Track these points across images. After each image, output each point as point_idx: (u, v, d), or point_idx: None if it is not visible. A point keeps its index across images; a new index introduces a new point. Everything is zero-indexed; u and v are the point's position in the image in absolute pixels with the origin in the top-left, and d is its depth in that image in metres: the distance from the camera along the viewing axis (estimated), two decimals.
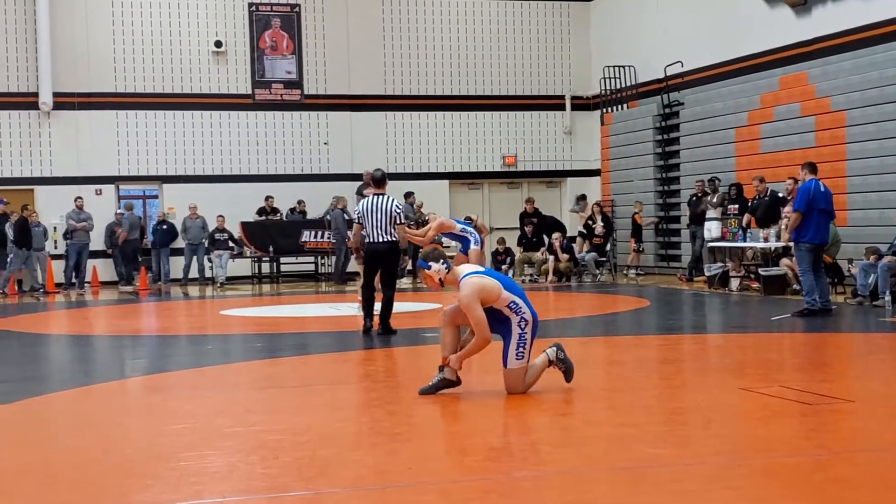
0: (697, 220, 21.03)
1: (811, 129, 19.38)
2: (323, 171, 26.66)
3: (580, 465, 5.59)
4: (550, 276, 22.42)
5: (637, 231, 24.03)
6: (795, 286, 16.10)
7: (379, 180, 12.87)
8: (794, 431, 6.43)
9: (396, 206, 12.49)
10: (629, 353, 10.80)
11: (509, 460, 5.85)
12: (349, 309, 16.46)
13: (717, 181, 20.73)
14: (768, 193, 18.24)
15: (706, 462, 5.66)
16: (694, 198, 21.51)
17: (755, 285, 17.93)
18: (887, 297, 14.14)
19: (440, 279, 7.75)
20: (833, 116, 18.94)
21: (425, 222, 16.90)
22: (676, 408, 7.52)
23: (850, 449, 6.04)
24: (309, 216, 25.55)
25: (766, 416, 6.89)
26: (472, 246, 13.60)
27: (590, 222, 23.83)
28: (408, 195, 24.35)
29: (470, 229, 13.79)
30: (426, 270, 7.77)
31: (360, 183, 25.39)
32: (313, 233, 24.40)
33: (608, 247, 23.85)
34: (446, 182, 27.22)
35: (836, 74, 19.34)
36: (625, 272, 23.73)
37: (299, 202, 25.78)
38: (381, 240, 12.41)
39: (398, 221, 12.42)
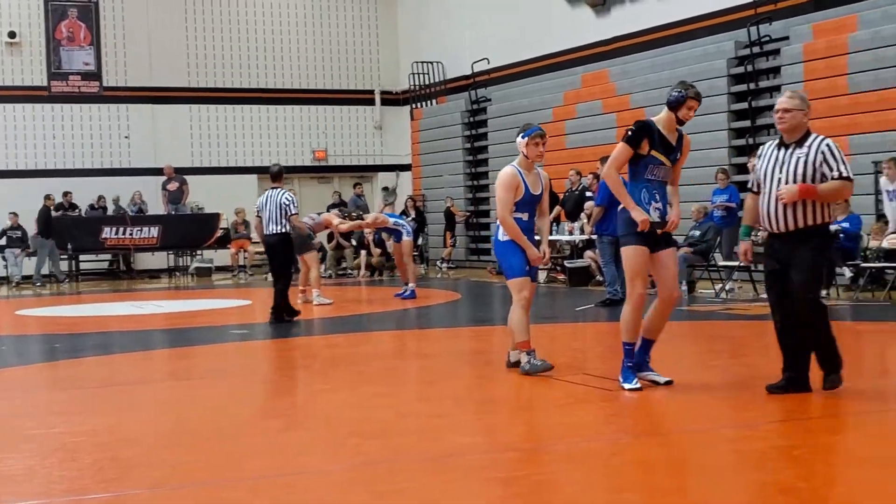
0: None
1: (613, 126, 20.05)
2: (124, 165, 25.92)
3: (390, 456, 5.63)
4: (363, 271, 22.45)
5: (451, 224, 24.30)
6: (599, 277, 16.64)
7: (275, 175, 13.36)
8: (595, 417, 6.65)
9: (286, 198, 12.94)
10: (441, 345, 10.95)
11: (322, 454, 5.84)
12: (155, 307, 16.12)
13: None
14: (579, 187, 18.75)
15: (514, 449, 5.79)
16: None
17: (561, 277, 18.44)
18: (683, 287, 14.78)
19: None
20: (633, 113, 19.56)
21: (360, 217, 17.63)
22: (486, 397, 7.66)
23: (647, 433, 6.30)
24: (109, 211, 24.80)
25: (570, 404, 7.10)
26: (405, 237, 15.98)
27: (404, 216, 23.95)
28: (356, 186, 24.70)
29: (402, 222, 16.19)
30: None
31: (163, 178, 24.87)
32: (114, 229, 23.55)
33: (420, 240, 24.05)
34: (255, 177, 26.89)
35: (635, 73, 20.06)
36: (437, 265, 23.99)
37: (100, 197, 24.98)
38: (271, 231, 12.95)
39: (289, 213, 12.90)
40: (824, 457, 5.44)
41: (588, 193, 17.77)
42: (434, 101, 27.11)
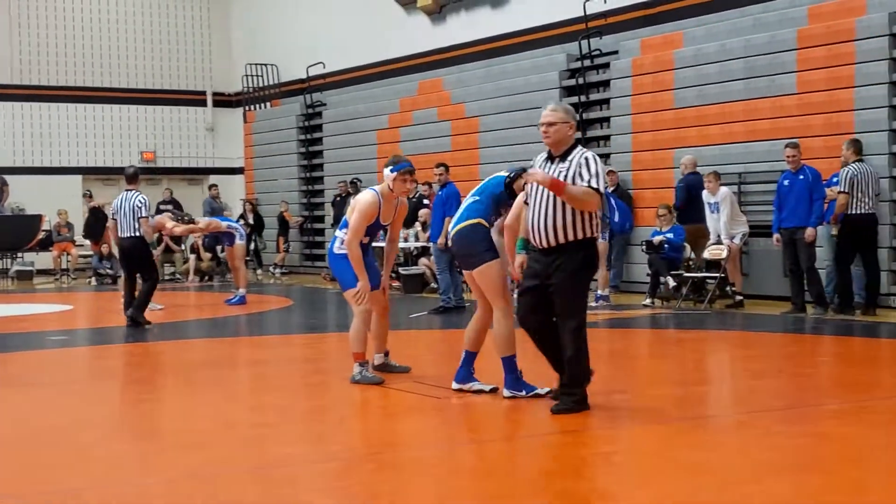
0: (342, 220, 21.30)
1: (448, 134, 20.18)
2: None
3: (211, 468, 5.48)
4: (191, 276, 21.97)
5: (285, 230, 24.00)
6: (433, 284, 16.69)
7: (130, 176, 13.10)
8: (424, 425, 6.64)
9: (139, 200, 12.74)
10: (271, 352, 10.83)
11: (138, 467, 5.64)
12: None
13: (358, 182, 21.10)
14: (416, 195, 18.77)
15: (338, 459, 5.72)
16: (338, 198, 21.80)
17: (396, 284, 18.44)
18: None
19: None
20: (468, 122, 19.83)
21: (192, 220, 17.10)
22: (315, 406, 7.59)
23: (476, 440, 6.33)
24: None
25: (400, 412, 7.09)
26: (238, 241, 15.86)
27: (241, 220, 23.54)
28: (211, 187, 23.93)
29: (235, 225, 16.14)
30: None
31: None
32: None
33: (252, 245, 23.66)
34: (79, 177, 26.01)
35: (469, 81, 20.25)
36: (270, 271, 23.66)
37: None
38: (126, 234, 12.82)
39: (140, 216, 12.70)
40: (642, 462, 5.56)
41: (425, 201, 17.82)
42: (268, 103, 26.79)
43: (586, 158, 6.55)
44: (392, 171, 8.08)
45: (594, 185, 6.45)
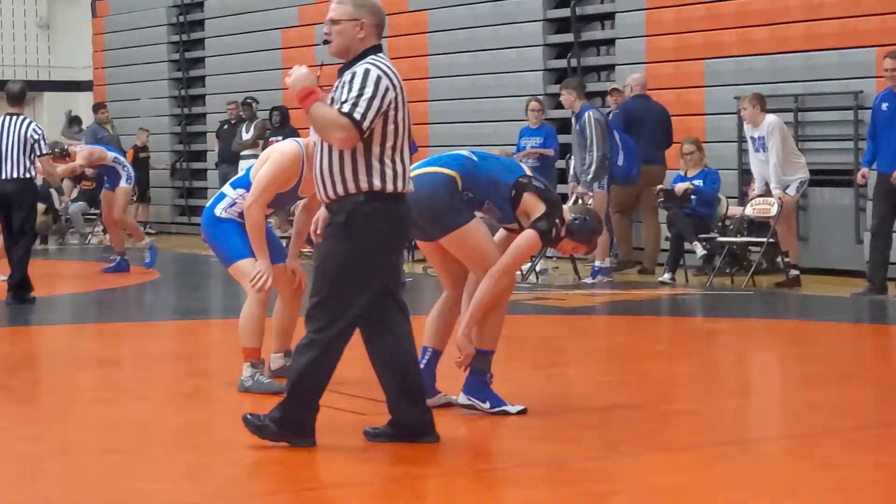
0: (231, 158, 21.11)
1: (384, 35, 19.99)
2: None
3: None
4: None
5: (143, 169, 23.39)
6: None
7: (16, 95, 13.14)
8: (342, 452, 6.58)
9: (34, 131, 12.77)
10: (127, 346, 10.83)
11: None
12: None
13: (254, 104, 20.90)
14: None
15: (220, 499, 5.75)
16: (226, 126, 21.71)
17: (306, 250, 18.35)
18: None
19: None
20: (411, 18, 19.63)
21: (64, 152, 16.77)
22: (187, 423, 7.58)
23: (415, 475, 6.30)
24: None
25: None
26: (123, 184, 15.75)
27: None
28: (99, 109, 22.78)
29: (123, 160, 16.02)
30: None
31: None
32: None
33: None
34: None
35: None
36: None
37: None
38: (10, 176, 12.63)
39: (39, 153, 12.76)
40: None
41: None
42: None
43: (356, 73, 6.40)
44: None
45: (347, 109, 6.23)
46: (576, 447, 6.61)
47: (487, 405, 7.25)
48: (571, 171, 14.93)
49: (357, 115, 6.18)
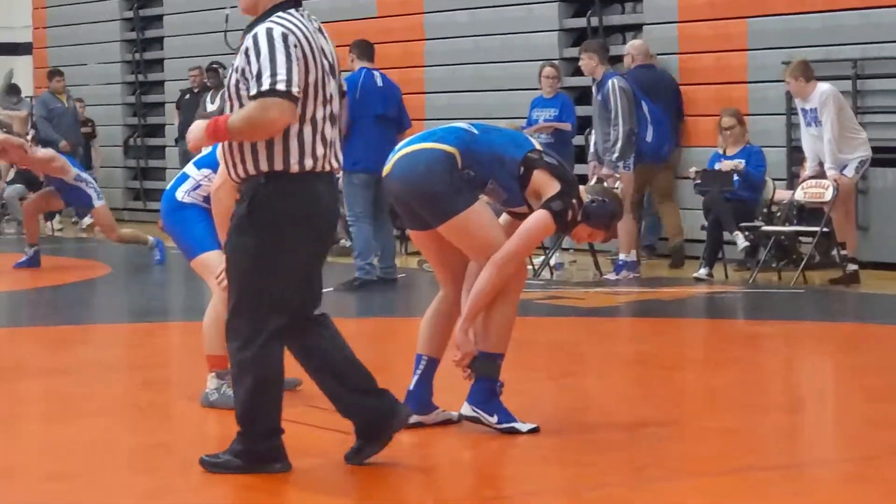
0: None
1: None
2: None
3: None
4: None
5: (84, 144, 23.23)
6: (344, 242, 16.34)
7: None
8: (325, 480, 6.64)
9: None
10: (75, 353, 10.82)
11: None
12: None
13: (221, 69, 20.74)
14: None
15: None
16: (188, 95, 21.72)
17: None
18: None
19: None
20: None
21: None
22: (144, 444, 7.57)
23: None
24: None
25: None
26: (97, 202, 16.05)
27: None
28: (54, 75, 22.73)
29: (86, 176, 16.37)
30: None
31: None
32: None
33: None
34: None
35: None
36: (72, 219, 23.17)
37: None
38: None
39: None
40: None
41: None
42: None
43: (258, 36, 6.32)
44: None
45: (264, 86, 6.09)
46: (594, 471, 6.65)
47: (495, 419, 7.24)
48: (592, 149, 14.82)
49: (281, 86, 6.03)
